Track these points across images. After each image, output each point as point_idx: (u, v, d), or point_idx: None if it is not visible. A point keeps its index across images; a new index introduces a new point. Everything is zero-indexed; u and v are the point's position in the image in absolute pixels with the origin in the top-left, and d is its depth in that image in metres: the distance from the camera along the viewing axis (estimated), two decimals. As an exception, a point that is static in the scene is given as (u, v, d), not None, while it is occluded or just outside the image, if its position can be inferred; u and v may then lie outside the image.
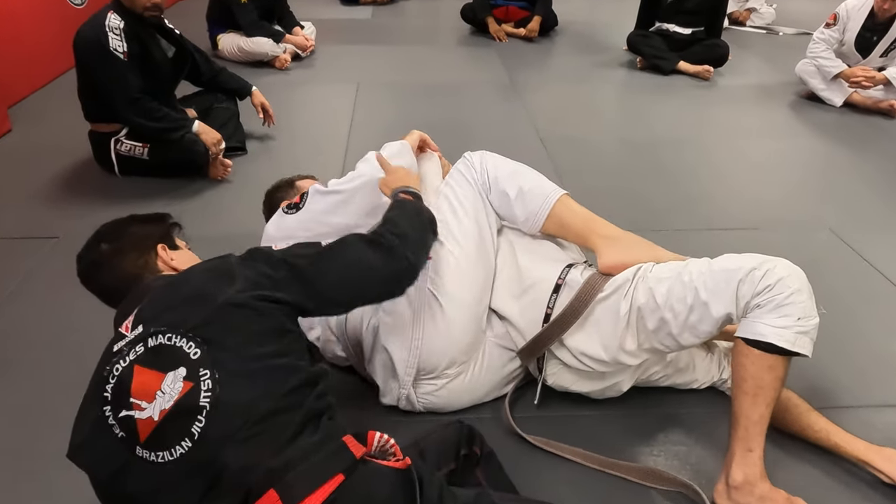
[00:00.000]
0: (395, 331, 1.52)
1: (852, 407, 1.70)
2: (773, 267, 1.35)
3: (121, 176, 2.78)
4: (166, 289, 1.13)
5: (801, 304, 1.32)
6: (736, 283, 1.36)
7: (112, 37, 2.46)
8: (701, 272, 1.42)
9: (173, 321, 1.04)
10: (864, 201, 2.81)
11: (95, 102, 2.64)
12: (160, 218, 1.41)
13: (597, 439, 1.57)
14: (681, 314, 1.41)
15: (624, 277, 1.50)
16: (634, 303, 1.45)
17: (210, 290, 1.08)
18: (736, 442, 1.39)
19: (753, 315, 1.35)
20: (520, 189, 1.61)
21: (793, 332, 1.32)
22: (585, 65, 4.64)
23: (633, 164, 3.11)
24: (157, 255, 1.28)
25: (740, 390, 1.37)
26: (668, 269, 1.47)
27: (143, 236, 1.30)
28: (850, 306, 2.10)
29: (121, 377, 1.02)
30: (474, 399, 1.65)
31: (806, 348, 1.33)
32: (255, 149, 3.15)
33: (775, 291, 1.32)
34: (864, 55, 3.81)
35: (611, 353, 1.48)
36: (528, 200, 1.61)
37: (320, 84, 4.11)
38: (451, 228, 1.58)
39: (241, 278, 1.10)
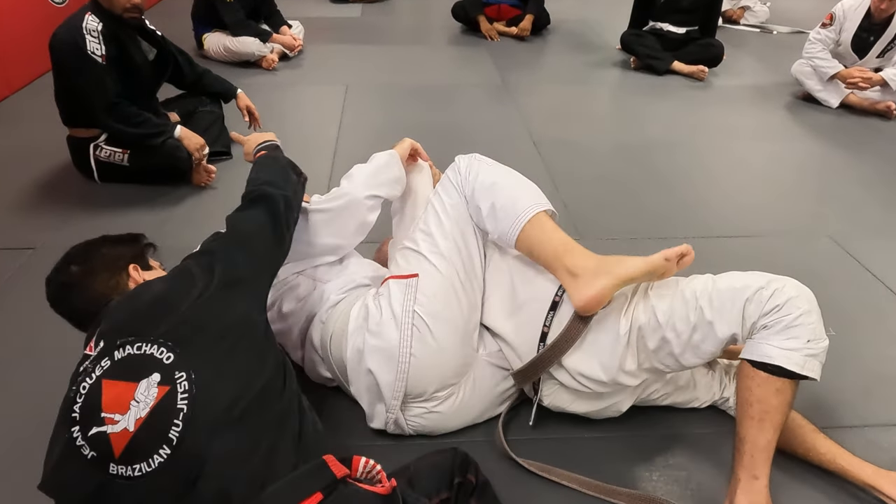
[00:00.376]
0: (381, 353, 1.43)
1: (857, 426, 1.65)
2: (782, 287, 1.30)
3: (100, 182, 2.69)
4: (126, 301, 1.12)
5: (810, 326, 1.27)
6: (742, 303, 1.31)
7: (90, 39, 2.36)
8: (705, 290, 1.36)
9: (141, 329, 1.03)
10: (864, 207, 2.76)
11: (73, 107, 2.55)
12: (133, 238, 1.38)
13: (594, 462, 1.51)
14: (683, 333, 1.35)
15: (622, 292, 1.43)
16: (635, 322, 1.39)
17: (175, 294, 1.08)
18: (741, 468, 1.33)
19: (760, 336, 1.30)
20: (492, 205, 1.47)
21: (802, 354, 1.27)
22: (579, 65, 4.58)
23: (629, 169, 3.04)
24: (128, 276, 1.25)
25: (746, 415, 1.32)
26: (668, 286, 1.41)
27: (115, 257, 1.28)
28: (854, 319, 2.05)
29: (89, 394, 0.98)
30: (466, 421, 1.58)
31: (815, 372, 1.28)
32: (241, 153, 3.02)
33: (783, 312, 1.28)
34: (861, 56, 3.76)
35: (610, 373, 1.41)
36: (500, 219, 1.47)
37: (308, 85, 4.02)
38: (436, 242, 1.50)
39: (199, 276, 1.13)
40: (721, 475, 1.47)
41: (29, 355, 1.82)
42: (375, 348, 1.43)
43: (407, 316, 1.42)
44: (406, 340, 1.41)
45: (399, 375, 1.42)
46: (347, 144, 3.17)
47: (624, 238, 2.45)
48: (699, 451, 1.56)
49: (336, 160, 2.96)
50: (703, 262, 2.26)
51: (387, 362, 1.43)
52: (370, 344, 1.44)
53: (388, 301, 1.45)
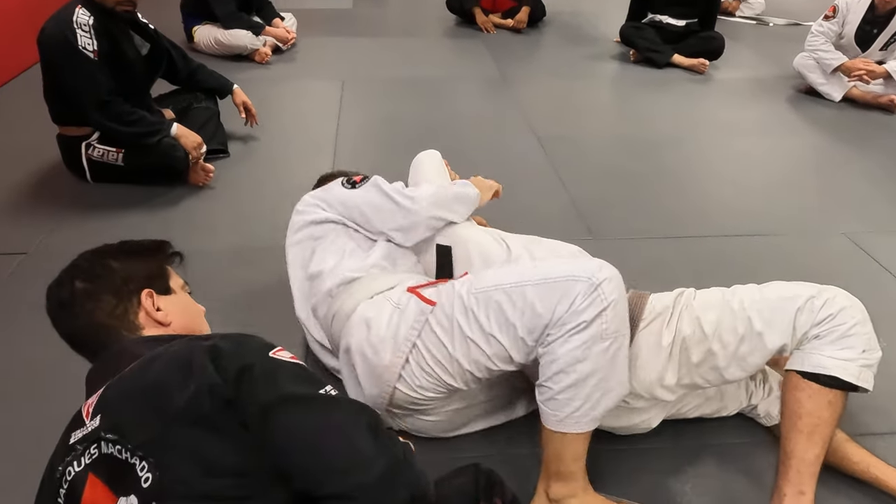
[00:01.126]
0: (371, 367, 1.37)
1: (889, 433, 1.60)
2: (833, 297, 1.28)
3: (93, 183, 2.59)
4: (133, 374, 0.92)
5: (865, 336, 1.25)
6: (794, 312, 1.27)
7: (81, 34, 2.25)
8: (754, 300, 1.32)
9: (125, 428, 0.86)
10: (874, 203, 2.72)
11: (63, 105, 2.44)
12: (156, 248, 1.18)
13: (622, 476, 1.45)
14: (730, 345, 1.30)
15: (664, 304, 1.37)
16: (679, 333, 1.33)
17: (165, 394, 0.86)
18: (786, 483, 1.28)
19: (811, 346, 1.26)
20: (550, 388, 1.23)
21: (857, 364, 1.24)
22: (577, 57, 4.51)
23: (635, 164, 2.98)
24: (139, 304, 1.07)
25: (795, 428, 1.27)
26: (714, 297, 1.36)
27: (126, 277, 1.09)
28: (877, 320, 2.00)
29: (73, 483, 0.87)
30: (460, 428, 1.52)
31: (869, 383, 1.26)
32: (238, 151, 2.96)
33: (837, 321, 1.25)
34: (864, 49, 3.73)
35: (647, 387, 1.35)
36: (544, 402, 1.25)
37: (304, 79, 3.92)
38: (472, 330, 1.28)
39: (198, 370, 0.86)
40: (755, 486, 1.42)
41: (20, 371, 1.72)
42: (367, 359, 1.37)
43: (406, 344, 1.33)
44: (396, 367, 1.34)
45: (382, 393, 1.38)
46: (348, 141, 3.08)
47: (639, 238, 2.39)
48: (730, 461, 1.51)
49: (337, 159, 2.88)
50: (718, 263, 2.25)
51: (374, 378, 1.38)
52: (364, 353, 1.38)
53: (399, 319, 1.36)
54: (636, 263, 2.20)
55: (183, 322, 1.11)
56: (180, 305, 1.13)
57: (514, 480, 1.30)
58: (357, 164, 2.84)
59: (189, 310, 1.16)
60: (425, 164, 1.86)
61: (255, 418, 0.84)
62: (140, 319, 1.06)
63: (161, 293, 1.11)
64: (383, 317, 1.37)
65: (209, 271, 2.08)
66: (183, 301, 1.16)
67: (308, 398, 0.88)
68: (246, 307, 1.92)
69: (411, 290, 1.40)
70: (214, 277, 2.04)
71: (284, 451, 0.85)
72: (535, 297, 1.21)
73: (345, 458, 0.85)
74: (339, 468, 0.85)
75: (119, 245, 1.15)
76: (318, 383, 0.91)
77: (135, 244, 1.16)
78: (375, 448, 0.87)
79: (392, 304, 1.39)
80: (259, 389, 0.85)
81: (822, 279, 2.16)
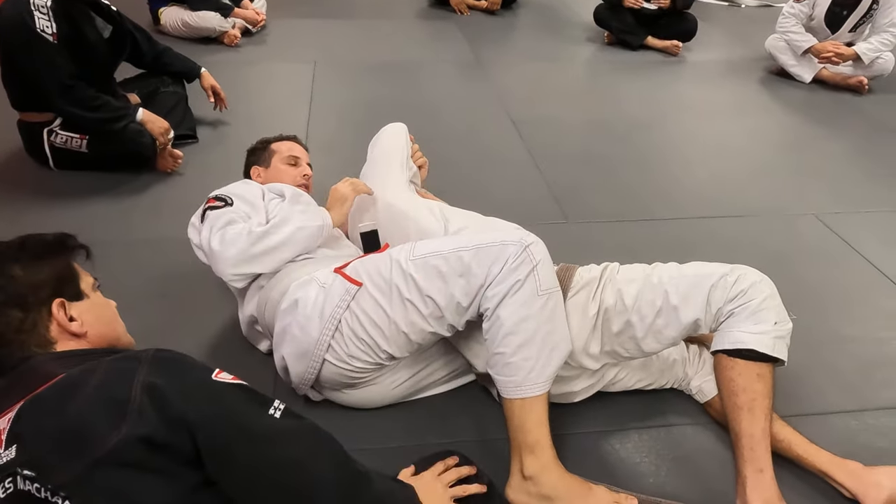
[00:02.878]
0: (298, 345, 1.42)
1: (854, 411, 1.62)
2: (744, 273, 1.35)
3: (56, 170, 2.51)
4: (52, 404, 0.83)
5: (775, 309, 1.32)
6: (708, 288, 1.34)
7: (38, 16, 2.17)
8: (671, 276, 1.39)
9: (44, 466, 0.79)
10: (844, 183, 2.76)
11: (23, 90, 2.36)
12: (60, 244, 1.05)
13: (595, 459, 1.46)
14: (647, 317, 1.37)
15: (591, 276, 1.45)
16: (602, 304, 1.40)
17: (91, 436, 0.79)
18: (744, 464, 1.30)
19: (728, 324, 1.33)
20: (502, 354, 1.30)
21: (771, 336, 1.30)
22: (551, 40, 4.49)
23: (609, 147, 2.98)
24: (49, 317, 0.96)
25: (735, 407, 1.32)
26: (636, 271, 1.44)
27: (32, 286, 0.97)
28: (843, 299, 2.04)
29: None
30: (393, 399, 1.55)
31: (783, 353, 1.32)
32: (207, 136, 2.90)
33: (749, 296, 1.31)
34: (834, 30, 3.76)
35: (573, 354, 1.40)
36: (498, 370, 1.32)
37: (274, 62, 3.85)
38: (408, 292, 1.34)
39: (133, 413, 0.80)
40: (719, 466, 1.44)
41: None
42: (295, 338, 1.42)
43: (332, 322, 1.38)
44: (323, 344, 1.39)
45: (309, 370, 1.43)
46: (320, 126, 3.03)
47: (614, 221, 2.40)
48: (701, 442, 1.52)
49: (309, 143, 2.82)
50: (689, 245, 2.26)
51: (301, 355, 1.42)
52: (291, 332, 1.43)
53: (325, 298, 1.40)
54: (611, 247, 2.21)
55: (99, 330, 1.03)
56: (95, 311, 1.04)
57: (490, 466, 1.31)
58: (330, 148, 2.82)
59: (104, 315, 1.07)
60: (384, 140, 1.91)
61: (211, 456, 0.83)
62: (52, 333, 0.97)
63: (73, 299, 1.00)
64: (310, 297, 1.42)
65: (179, 260, 2.04)
66: (97, 305, 1.06)
67: (264, 435, 0.87)
68: (219, 294, 1.89)
69: (337, 271, 1.44)
70: (184, 265, 2.00)
71: (242, 488, 0.85)
72: (471, 261, 1.32)
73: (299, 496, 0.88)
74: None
75: (19, 245, 1.01)
76: (267, 402, 0.91)
77: (36, 242, 1.03)
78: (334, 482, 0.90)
79: (318, 284, 1.44)
80: (212, 429, 0.83)
81: (791, 259, 2.22)
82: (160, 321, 1.79)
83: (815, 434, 1.47)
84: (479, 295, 1.32)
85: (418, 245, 1.40)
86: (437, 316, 1.35)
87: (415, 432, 1.51)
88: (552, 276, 1.35)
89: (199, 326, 1.80)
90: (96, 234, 2.13)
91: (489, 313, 1.32)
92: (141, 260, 2.06)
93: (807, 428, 1.48)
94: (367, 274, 1.40)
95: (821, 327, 1.90)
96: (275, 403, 0.92)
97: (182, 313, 1.83)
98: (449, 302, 1.33)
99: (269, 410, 0.91)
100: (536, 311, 1.29)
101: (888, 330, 1.91)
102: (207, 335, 1.78)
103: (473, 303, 1.33)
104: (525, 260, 1.30)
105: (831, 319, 1.94)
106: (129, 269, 2.00)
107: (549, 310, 1.31)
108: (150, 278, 1.98)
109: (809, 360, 1.76)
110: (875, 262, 2.22)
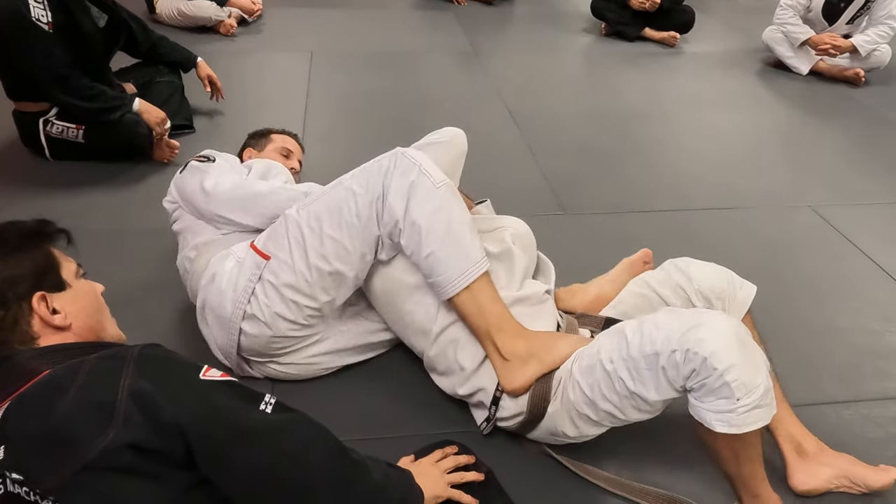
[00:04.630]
0: (217, 316, 1.48)
1: (849, 402, 1.64)
2: (693, 345, 1.14)
3: (52, 160, 2.50)
4: (38, 405, 0.82)
5: (735, 384, 1.12)
6: (661, 371, 1.19)
7: (34, 5, 2.15)
8: (621, 357, 1.24)
9: (32, 470, 0.79)
10: (840, 174, 2.77)
11: (18, 79, 2.34)
12: (37, 231, 1.01)
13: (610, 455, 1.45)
14: (616, 402, 1.27)
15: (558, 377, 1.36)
16: (567, 402, 1.33)
17: (78, 440, 0.78)
18: (742, 494, 1.32)
19: (693, 397, 1.19)
20: (432, 251, 1.35)
21: (738, 414, 1.13)
22: (548, 30, 4.47)
23: (606, 139, 2.99)
24: (30, 311, 0.94)
25: (720, 459, 1.28)
26: (589, 360, 1.31)
27: (10, 280, 0.94)
28: (838, 292, 2.06)
29: None
30: (329, 369, 1.60)
31: (759, 421, 1.16)
32: (204, 126, 2.89)
33: (702, 375, 1.14)
34: (831, 22, 3.76)
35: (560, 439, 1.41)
36: (439, 265, 1.35)
37: (271, 52, 3.82)
38: (316, 244, 1.40)
39: (119, 418, 0.79)
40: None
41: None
42: (213, 310, 1.49)
43: (245, 295, 1.44)
44: (237, 318, 1.45)
45: (230, 341, 1.49)
46: (318, 116, 3.03)
47: (610, 213, 2.40)
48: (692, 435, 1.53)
49: (307, 133, 2.82)
50: (686, 237, 2.27)
51: (220, 326, 1.49)
52: (210, 304, 1.49)
53: (239, 271, 1.46)
54: (608, 239, 2.22)
55: (83, 321, 1.00)
56: (79, 302, 1.01)
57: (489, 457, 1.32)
58: (328, 138, 2.81)
59: (90, 304, 1.04)
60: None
61: (205, 457, 0.83)
62: (34, 328, 0.94)
63: (54, 290, 0.97)
64: (226, 270, 1.48)
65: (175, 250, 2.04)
66: (82, 294, 1.03)
67: (256, 431, 0.87)
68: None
69: (251, 246, 1.49)
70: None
71: (239, 486, 0.86)
72: (356, 185, 1.38)
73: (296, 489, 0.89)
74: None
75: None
76: (257, 398, 0.91)
77: (12, 232, 0.99)
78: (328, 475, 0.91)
79: (235, 258, 1.50)
80: (203, 430, 0.82)
81: (787, 252, 2.23)
82: (154, 312, 1.80)
83: (808, 424, 1.47)
84: (379, 208, 1.36)
85: (306, 203, 1.45)
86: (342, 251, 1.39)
87: (412, 422, 1.52)
88: (438, 170, 1.39)
89: (194, 317, 1.79)
90: (92, 225, 2.15)
91: (400, 224, 1.35)
92: (137, 250, 2.05)
93: (801, 417, 1.49)
94: (271, 240, 1.45)
95: (815, 318, 1.92)
96: (265, 398, 0.92)
97: (176, 304, 1.83)
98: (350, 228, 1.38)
99: (260, 406, 0.91)
100: (442, 201, 1.35)
101: (882, 321, 1.92)
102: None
103: (373, 217, 1.37)
104: (406, 164, 1.36)
105: (825, 310, 1.96)
106: (124, 259, 2.00)
107: (452, 196, 1.38)
108: (146, 269, 1.97)
109: (803, 352, 1.77)
110: (870, 253, 2.23)
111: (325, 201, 1.42)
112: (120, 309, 1.15)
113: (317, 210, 1.41)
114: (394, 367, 1.66)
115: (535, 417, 1.37)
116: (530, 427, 1.40)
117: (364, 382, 1.62)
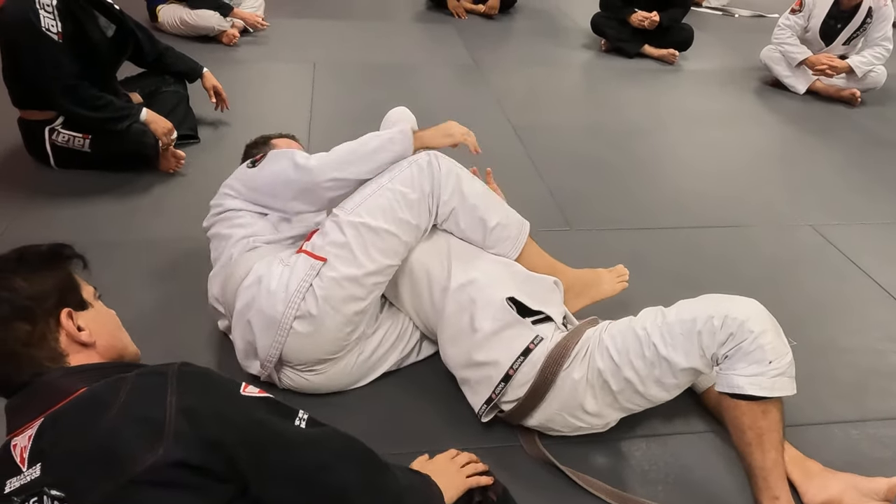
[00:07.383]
0: (264, 317, 1.46)
1: (854, 421, 1.66)
2: (732, 310, 1.28)
3: (57, 169, 2.49)
4: (79, 422, 0.82)
5: (769, 347, 1.25)
6: (696, 336, 1.29)
7: (44, 15, 2.15)
8: (656, 325, 1.34)
9: (74, 487, 0.79)
10: (839, 193, 2.81)
11: (26, 88, 2.33)
12: (56, 254, 1.02)
13: (600, 467, 1.47)
14: (642, 370, 1.33)
15: (584, 343, 1.41)
16: (592, 367, 1.37)
17: (125, 456, 0.79)
18: (759, 493, 1.33)
19: (725, 366, 1.29)
20: (491, 223, 1.62)
21: (768, 377, 1.25)
22: (549, 45, 4.51)
23: (609, 155, 3.01)
24: (58, 327, 0.95)
25: (743, 442, 1.32)
26: (621, 325, 1.40)
27: (36, 296, 0.94)
28: (840, 311, 2.08)
29: None
30: (343, 386, 1.62)
31: (786, 389, 1.27)
32: (209, 137, 2.89)
33: (739, 338, 1.26)
34: (828, 43, 3.82)
35: (576, 416, 1.43)
36: (504, 236, 1.64)
37: (273, 62, 3.83)
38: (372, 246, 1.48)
39: (170, 435, 0.80)
40: (727, 473, 1.46)
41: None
42: (261, 311, 1.46)
43: (298, 296, 1.43)
44: (289, 318, 1.44)
45: (275, 344, 1.47)
46: (322, 127, 3.03)
47: (615, 229, 2.42)
48: (708, 451, 1.54)
49: (312, 144, 2.83)
50: (695, 254, 2.29)
51: (267, 327, 1.46)
52: (257, 305, 1.46)
53: (290, 273, 1.46)
54: (615, 255, 2.22)
55: (106, 340, 1.02)
56: (101, 320, 1.03)
57: (502, 474, 1.32)
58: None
59: (111, 322, 1.07)
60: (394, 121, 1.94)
61: (251, 470, 0.85)
62: (62, 345, 0.95)
63: (78, 308, 0.99)
64: (274, 273, 1.47)
65: (181, 260, 2.04)
66: (103, 313, 1.05)
67: (296, 444, 0.92)
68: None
69: (300, 251, 1.51)
70: (185, 265, 2.01)
71: (281, 495, 0.88)
72: (399, 185, 1.51)
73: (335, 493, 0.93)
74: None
75: (17, 257, 0.98)
76: (292, 414, 0.96)
77: (32, 253, 1.00)
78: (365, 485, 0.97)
79: (282, 264, 1.50)
80: (249, 446, 0.85)
81: (789, 270, 2.25)
82: (162, 322, 1.79)
83: (816, 443, 1.50)
84: (430, 204, 1.54)
85: (344, 204, 1.53)
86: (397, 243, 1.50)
87: (426, 439, 1.51)
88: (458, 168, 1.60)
89: (202, 327, 1.79)
90: (98, 235, 2.15)
91: (458, 210, 1.57)
92: (143, 261, 2.05)
93: (808, 437, 1.52)
94: (325, 242, 1.48)
95: (818, 338, 1.94)
96: (299, 414, 0.97)
97: (184, 314, 1.83)
98: (402, 224, 1.50)
99: (295, 421, 0.96)
100: (480, 184, 1.64)
101: (886, 341, 1.95)
102: (210, 335, 1.77)
103: (425, 211, 1.54)
104: (442, 164, 1.56)
105: (829, 329, 1.98)
106: (130, 269, 2.00)
107: (480, 181, 1.66)
108: (152, 279, 1.97)
109: (808, 371, 1.78)
110: (871, 273, 2.26)
111: (374, 202, 1.50)
112: (125, 318, 1.13)
113: (369, 209, 1.49)
114: (412, 388, 1.67)
115: (545, 382, 1.38)
116: (537, 399, 1.40)
117: (384, 399, 1.63)
